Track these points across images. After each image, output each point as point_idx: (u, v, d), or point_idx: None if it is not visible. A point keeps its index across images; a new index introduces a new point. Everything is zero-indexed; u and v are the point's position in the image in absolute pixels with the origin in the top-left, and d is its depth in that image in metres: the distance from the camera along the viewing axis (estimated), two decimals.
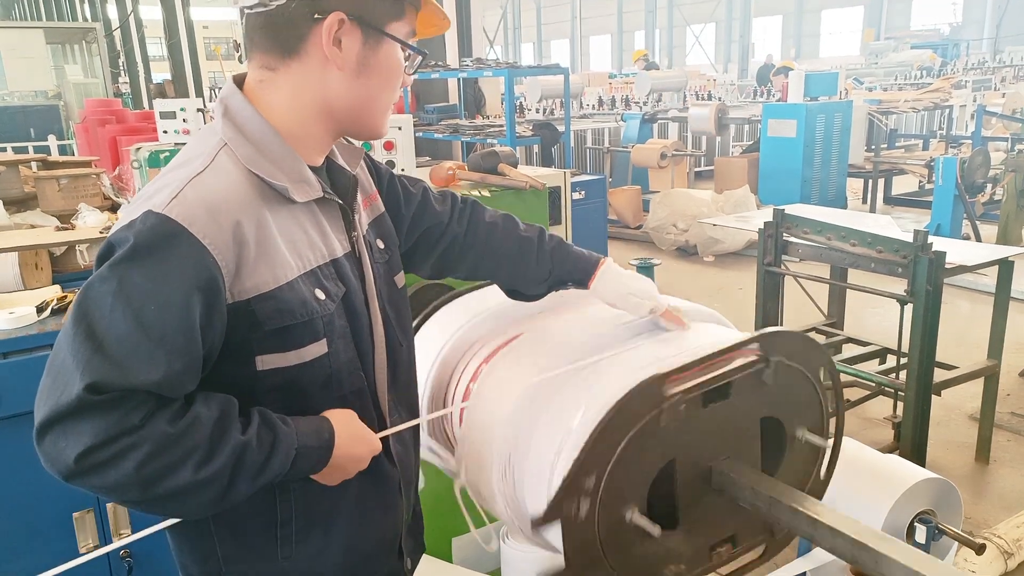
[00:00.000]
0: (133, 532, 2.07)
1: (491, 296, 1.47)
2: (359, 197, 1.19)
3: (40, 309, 2.05)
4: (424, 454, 1.43)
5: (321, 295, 1.03)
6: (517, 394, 1.19)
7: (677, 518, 1.15)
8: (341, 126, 1.09)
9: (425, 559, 1.38)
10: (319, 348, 1.03)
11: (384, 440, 1.16)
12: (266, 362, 1.00)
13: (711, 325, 1.34)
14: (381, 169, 1.33)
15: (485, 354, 1.37)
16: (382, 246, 1.21)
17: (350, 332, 1.09)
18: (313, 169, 1.08)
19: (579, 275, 1.32)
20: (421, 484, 1.35)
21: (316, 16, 0.99)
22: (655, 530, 1.07)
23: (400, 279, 1.25)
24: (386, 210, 1.28)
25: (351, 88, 1.04)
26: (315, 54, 1.02)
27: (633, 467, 1.09)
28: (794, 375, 1.22)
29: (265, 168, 1.01)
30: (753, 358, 1.16)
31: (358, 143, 1.23)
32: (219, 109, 1.05)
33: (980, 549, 1.50)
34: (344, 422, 1.06)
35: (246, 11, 1.03)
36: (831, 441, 1.29)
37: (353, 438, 1.06)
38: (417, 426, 1.31)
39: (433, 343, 1.44)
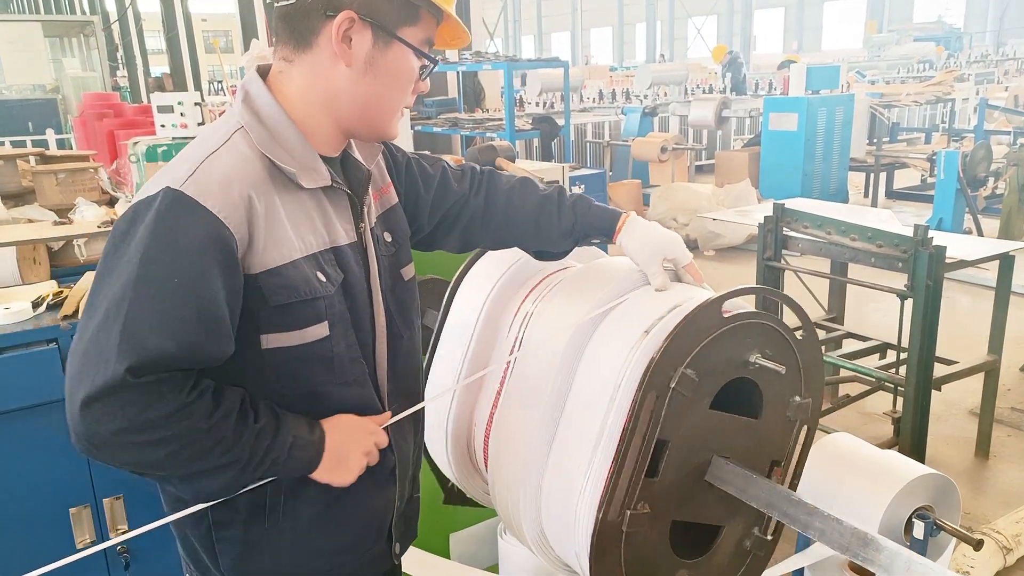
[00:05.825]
0: (130, 528, 2.07)
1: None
2: (370, 191, 1.22)
3: (36, 304, 2.04)
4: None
5: (322, 277, 1.08)
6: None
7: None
8: (348, 123, 1.12)
9: (413, 551, 1.38)
10: (320, 330, 1.08)
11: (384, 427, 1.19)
12: (270, 340, 1.05)
13: None
14: (399, 156, 1.34)
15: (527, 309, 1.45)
16: (389, 239, 1.24)
17: (350, 319, 1.13)
18: (327, 160, 1.13)
19: (604, 226, 1.33)
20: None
21: (328, 13, 1.04)
22: (781, 368, 1.19)
23: (408, 271, 1.28)
24: (407, 194, 1.31)
25: (356, 85, 1.08)
26: (326, 48, 1.06)
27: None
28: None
29: (276, 152, 1.06)
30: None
31: None
32: (240, 94, 1.11)
33: (978, 545, 1.50)
34: (335, 421, 1.12)
35: (274, 4, 1.09)
36: None
37: (350, 428, 1.12)
38: (421, 418, 1.33)
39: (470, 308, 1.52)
